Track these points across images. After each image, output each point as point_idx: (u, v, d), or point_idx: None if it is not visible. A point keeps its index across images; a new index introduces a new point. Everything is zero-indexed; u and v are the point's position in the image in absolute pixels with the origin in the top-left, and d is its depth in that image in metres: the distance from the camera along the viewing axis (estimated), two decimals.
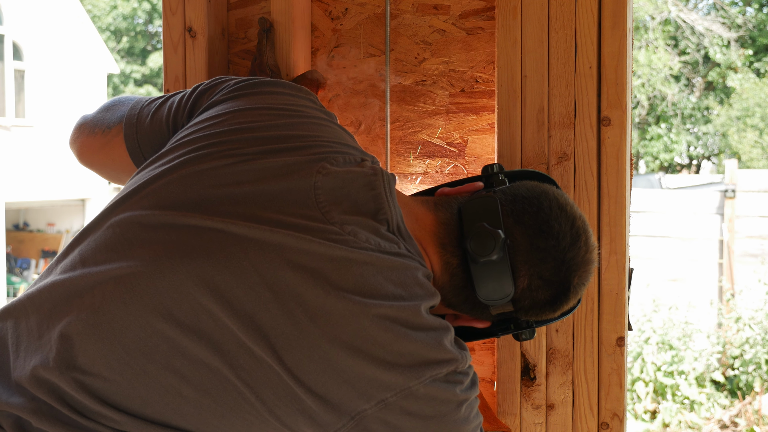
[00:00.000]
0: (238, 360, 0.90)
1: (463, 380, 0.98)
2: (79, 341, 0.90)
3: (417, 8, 1.51)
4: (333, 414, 0.92)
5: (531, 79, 1.41)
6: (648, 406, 6.73)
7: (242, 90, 1.10)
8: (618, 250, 1.39)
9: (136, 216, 0.96)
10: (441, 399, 0.96)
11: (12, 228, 15.56)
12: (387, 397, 0.93)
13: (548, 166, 1.40)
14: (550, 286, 1.06)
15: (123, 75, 21.24)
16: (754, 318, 7.19)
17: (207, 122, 1.06)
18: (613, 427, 1.40)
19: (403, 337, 0.94)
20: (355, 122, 1.54)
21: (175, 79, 1.52)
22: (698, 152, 18.59)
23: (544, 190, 1.10)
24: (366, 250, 0.96)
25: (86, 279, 0.93)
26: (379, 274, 0.95)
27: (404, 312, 0.94)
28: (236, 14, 1.58)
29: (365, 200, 1.00)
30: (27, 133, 12.77)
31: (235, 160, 0.99)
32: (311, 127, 1.06)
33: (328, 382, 0.91)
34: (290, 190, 0.97)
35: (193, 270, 0.91)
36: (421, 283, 0.98)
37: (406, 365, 0.93)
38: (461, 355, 0.98)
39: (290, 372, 0.91)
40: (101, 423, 0.89)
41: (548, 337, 1.42)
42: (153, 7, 21.39)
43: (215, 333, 0.90)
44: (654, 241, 8.20)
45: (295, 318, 0.91)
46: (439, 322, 0.98)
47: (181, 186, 0.97)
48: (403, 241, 1.01)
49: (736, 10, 16.73)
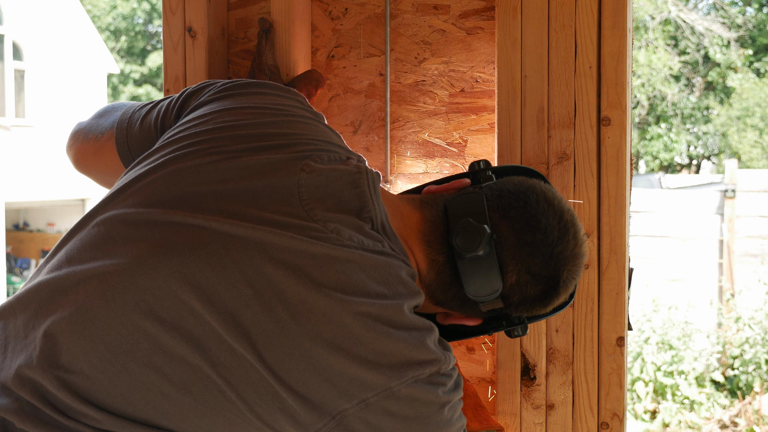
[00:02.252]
0: (219, 358, 0.90)
1: (446, 382, 0.97)
2: (63, 339, 0.90)
3: (417, 8, 1.51)
4: (314, 413, 0.92)
5: (531, 79, 1.41)
6: (648, 406, 6.74)
7: (228, 91, 1.11)
8: (618, 250, 1.39)
9: (121, 214, 0.96)
10: (423, 400, 0.95)
11: (12, 228, 15.56)
12: (368, 396, 0.92)
13: (548, 166, 1.40)
14: (539, 280, 1.05)
15: (123, 75, 21.24)
16: (753, 318, 7.19)
17: (192, 122, 1.06)
18: (613, 427, 1.40)
19: (385, 335, 0.93)
20: (355, 122, 1.54)
21: (175, 79, 1.52)
22: (698, 152, 18.59)
23: (531, 184, 1.09)
24: (349, 247, 0.95)
25: (71, 277, 0.93)
26: (361, 271, 0.94)
27: (387, 310, 0.94)
28: (236, 14, 1.58)
29: (349, 198, 0.99)
30: (27, 133, 12.77)
31: (219, 158, 0.99)
32: (296, 125, 1.06)
33: (309, 381, 0.91)
34: (274, 188, 0.97)
35: (175, 267, 0.91)
36: (404, 281, 0.98)
37: (388, 365, 0.93)
38: (444, 356, 0.97)
39: (271, 370, 0.90)
40: (82, 422, 0.89)
41: (548, 337, 1.42)
42: (153, 7, 21.39)
43: (196, 330, 0.90)
44: (654, 241, 8.20)
45: (276, 315, 0.91)
46: (422, 322, 0.97)
47: (165, 184, 0.98)
48: (388, 239, 1.00)
49: (736, 10, 16.73)
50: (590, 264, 1.40)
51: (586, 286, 1.40)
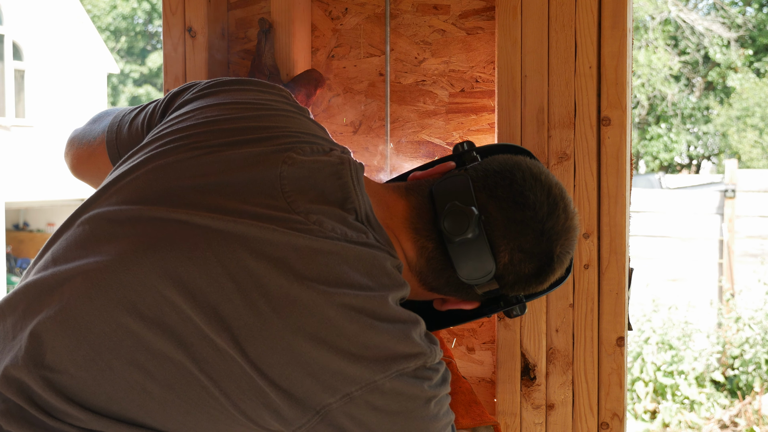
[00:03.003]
0: (201, 353, 0.89)
1: (432, 376, 0.95)
2: (48, 338, 0.90)
3: (417, 8, 1.51)
4: (297, 408, 0.90)
5: (531, 79, 1.41)
6: (648, 406, 6.74)
7: (211, 88, 1.11)
8: (618, 250, 1.39)
9: (105, 212, 0.96)
10: (408, 394, 0.93)
11: (12, 228, 15.56)
12: (352, 390, 0.91)
13: (548, 166, 1.40)
14: (532, 258, 1.04)
15: (123, 75, 21.24)
16: (753, 318, 7.19)
17: (175, 119, 1.06)
18: (613, 427, 1.40)
19: (369, 328, 0.91)
20: (355, 122, 1.54)
21: (175, 79, 1.52)
22: (698, 152, 18.59)
23: (517, 161, 1.07)
24: (331, 239, 0.94)
25: (57, 277, 0.93)
26: (344, 263, 0.93)
27: (370, 302, 0.92)
28: (236, 14, 1.58)
29: (332, 189, 0.98)
30: (27, 133, 12.77)
31: (200, 152, 0.99)
32: (279, 118, 1.06)
33: (292, 375, 0.89)
34: (256, 181, 0.96)
35: (157, 262, 0.91)
36: (389, 273, 0.96)
37: (372, 358, 0.91)
38: (430, 349, 0.95)
39: (253, 364, 0.89)
40: (67, 422, 0.89)
41: (548, 337, 1.42)
42: (153, 7, 21.39)
43: (178, 326, 0.89)
44: (654, 241, 8.21)
45: (258, 308, 0.89)
46: (407, 315, 0.96)
47: (147, 180, 0.97)
48: (372, 230, 0.99)
49: (736, 10, 16.73)
50: (590, 264, 1.40)
51: (586, 286, 1.40)
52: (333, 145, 1.06)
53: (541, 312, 1.41)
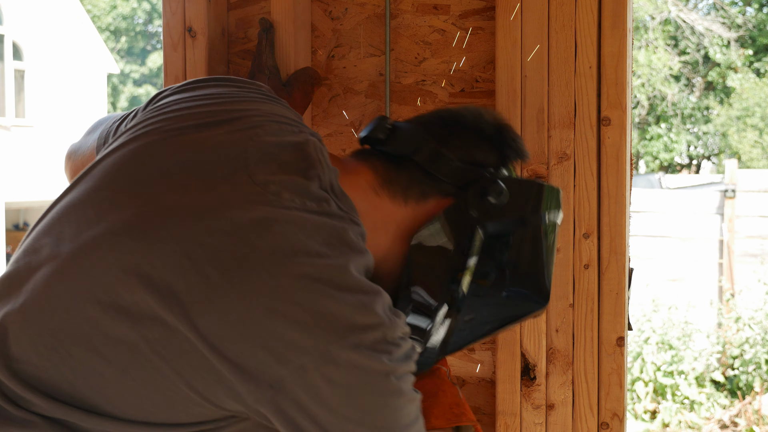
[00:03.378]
0: (153, 333, 0.87)
1: (392, 350, 0.90)
2: (13, 329, 0.90)
3: (417, 8, 1.51)
4: (251, 383, 0.87)
5: (531, 79, 1.41)
6: (648, 406, 6.74)
7: (186, 85, 1.13)
8: (618, 250, 1.39)
9: (73, 200, 0.97)
10: (364, 367, 0.88)
11: (12, 228, 15.56)
12: (306, 362, 0.86)
13: (548, 166, 1.40)
14: (482, 138, 1.08)
15: (123, 75, 21.25)
16: (753, 318, 7.19)
17: (149, 112, 1.08)
18: (613, 427, 1.40)
19: (326, 296, 0.88)
20: (355, 122, 1.54)
21: (175, 79, 1.52)
22: (698, 152, 18.59)
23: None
24: (288, 209, 0.92)
25: (25, 268, 0.94)
26: (300, 232, 0.91)
27: (328, 271, 0.89)
28: (236, 14, 1.58)
29: (294, 161, 0.98)
30: (27, 133, 12.78)
31: (166, 136, 1.00)
32: (251, 103, 1.07)
33: (244, 348, 0.86)
34: (220, 158, 0.96)
35: (114, 245, 0.91)
36: (349, 242, 0.93)
37: (327, 328, 0.87)
38: (391, 321, 0.91)
39: (205, 339, 0.87)
40: (30, 411, 0.89)
41: (548, 337, 1.42)
42: (153, 7, 21.40)
43: (132, 308, 0.88)
44: (654, 241, 8.21)
45: (211, 281, 0.87)
46: (370, 286, 0.92)
47: (114, 165, 0.99)
48: (336, 198, 0.98)
49: (736, 10, 16.73)
50: (590, 264, 1.40)
51: (586, 286, 1.40)
52: (303, 127, 1.06)
53: None
